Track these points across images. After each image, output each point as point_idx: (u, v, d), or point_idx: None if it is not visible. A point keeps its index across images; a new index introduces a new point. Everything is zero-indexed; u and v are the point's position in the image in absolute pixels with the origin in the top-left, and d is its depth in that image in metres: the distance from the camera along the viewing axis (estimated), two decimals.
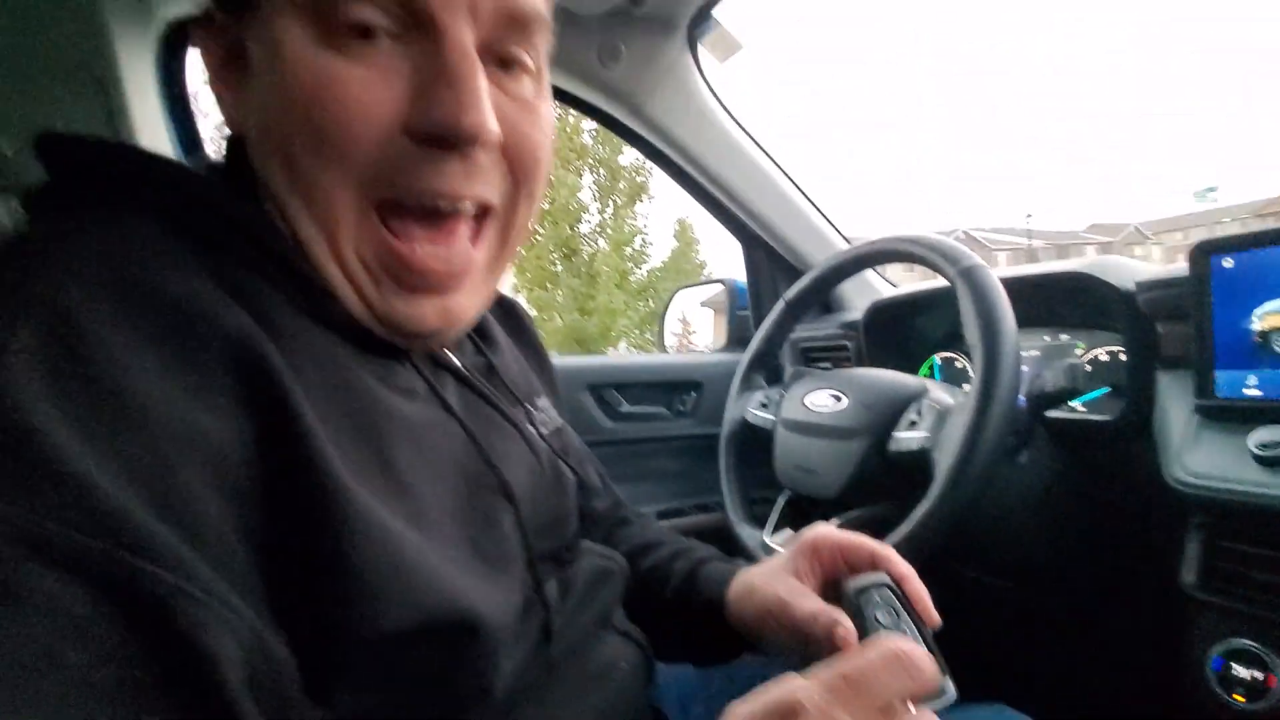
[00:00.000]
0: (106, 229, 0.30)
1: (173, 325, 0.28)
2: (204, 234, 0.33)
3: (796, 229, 1.24)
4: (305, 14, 0.33)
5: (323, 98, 0.33)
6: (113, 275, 0.28)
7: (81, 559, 0.22)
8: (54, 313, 0.25)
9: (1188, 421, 0.66)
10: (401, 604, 0.31)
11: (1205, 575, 0.61)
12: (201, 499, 0.26)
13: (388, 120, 0.34)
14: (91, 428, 0.24)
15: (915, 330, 1.11)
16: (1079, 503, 0.82)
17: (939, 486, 0.64)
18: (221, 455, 0.27)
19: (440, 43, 0.34)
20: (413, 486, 0.35)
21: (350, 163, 0.34)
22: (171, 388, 0.27)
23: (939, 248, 0.76)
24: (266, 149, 0.36)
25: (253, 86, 0.36)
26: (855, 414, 0.78)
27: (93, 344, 0.25)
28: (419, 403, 0.40)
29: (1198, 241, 0.64)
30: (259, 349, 0.30)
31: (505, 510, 0.42)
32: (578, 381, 1.22)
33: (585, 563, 0.52)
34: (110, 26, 0.83)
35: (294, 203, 0.35)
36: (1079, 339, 0.89)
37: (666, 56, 1.05)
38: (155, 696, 0.23)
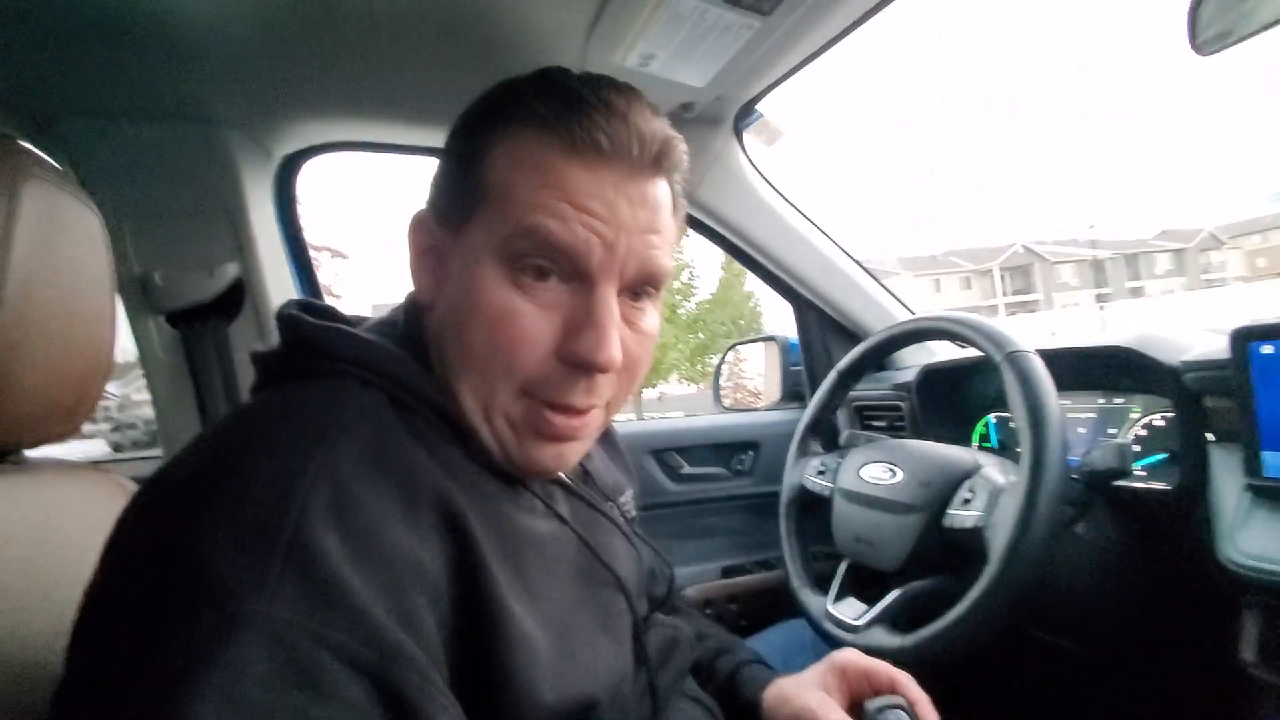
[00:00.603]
0: (356, 404, 0.41)
1: (403, 485, 0.38)
2: (404, 401, 0.44)
3: (847, 295, 1.29)
4: (499, 254, 0.44)
5: (503, 326, 0.44)
6: (367, 448, 0.38)
7: (358, 661, 0.31)
8: (335, 484, 0.35)
9: (1240, 497, 0.68)
10: (540, 696, 0.40)
11: (1264, 654, 0.62)
12: (424, 617, 0.35)
13: (546, 348, 0.45)
14: (364, 567, 0.33)
15: (968, 392, 1.14)
16: (1139, 571, 0.83)
17: (994, 567, 0.68)
18: (433, 581, 0.37)
19: (591, 294, 0.45)
20: (543, 593, 0.44)
21: (513, 374, 0.45)
22: (402, 532, 0.36)
23: (986, 331, 0.80)
24: (449, 336, 0.47)
25: (449, 285, 0.47)
26: (910, 489, 0.82)
27: (359, 503, 0.35)
28: (539, 518, 0.49)
29: (1235, 328, 0.66)
30: (452, 500, 0.40)
31: (618, 597, 0.53)
32: (641, 447, 1.29)
33: (655, 633, 0.62)
34: (238, 167, 0.98)
35: (462, 382, 0.46)
36: (1134, 403, 0.90)
37: (714, 148, 1.14)
38: None
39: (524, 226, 0.43)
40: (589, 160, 0.43)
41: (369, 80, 0.93)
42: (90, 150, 0.92)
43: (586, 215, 0.43)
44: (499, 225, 0.44)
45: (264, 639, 0.30)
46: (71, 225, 0.55)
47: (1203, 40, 0.71)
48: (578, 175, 0.43)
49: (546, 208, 0.43)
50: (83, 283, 0.57)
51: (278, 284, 1.03)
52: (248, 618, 0.30)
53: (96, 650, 0.32)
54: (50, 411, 0.55)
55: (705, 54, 0.87)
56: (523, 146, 0.44)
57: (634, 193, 0.45)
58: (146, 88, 0.88)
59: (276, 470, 0.35)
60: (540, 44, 0.86)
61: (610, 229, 0.44)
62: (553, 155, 0.44)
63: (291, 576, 0.31)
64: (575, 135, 0.43)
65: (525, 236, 0.43)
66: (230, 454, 0.37)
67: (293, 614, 0.30)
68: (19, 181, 0.49)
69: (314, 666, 0.30)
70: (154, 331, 0.99)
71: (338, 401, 0.41)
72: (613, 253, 0.44)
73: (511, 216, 0.43)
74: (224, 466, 0.36)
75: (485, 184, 0.45)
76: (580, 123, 0.43)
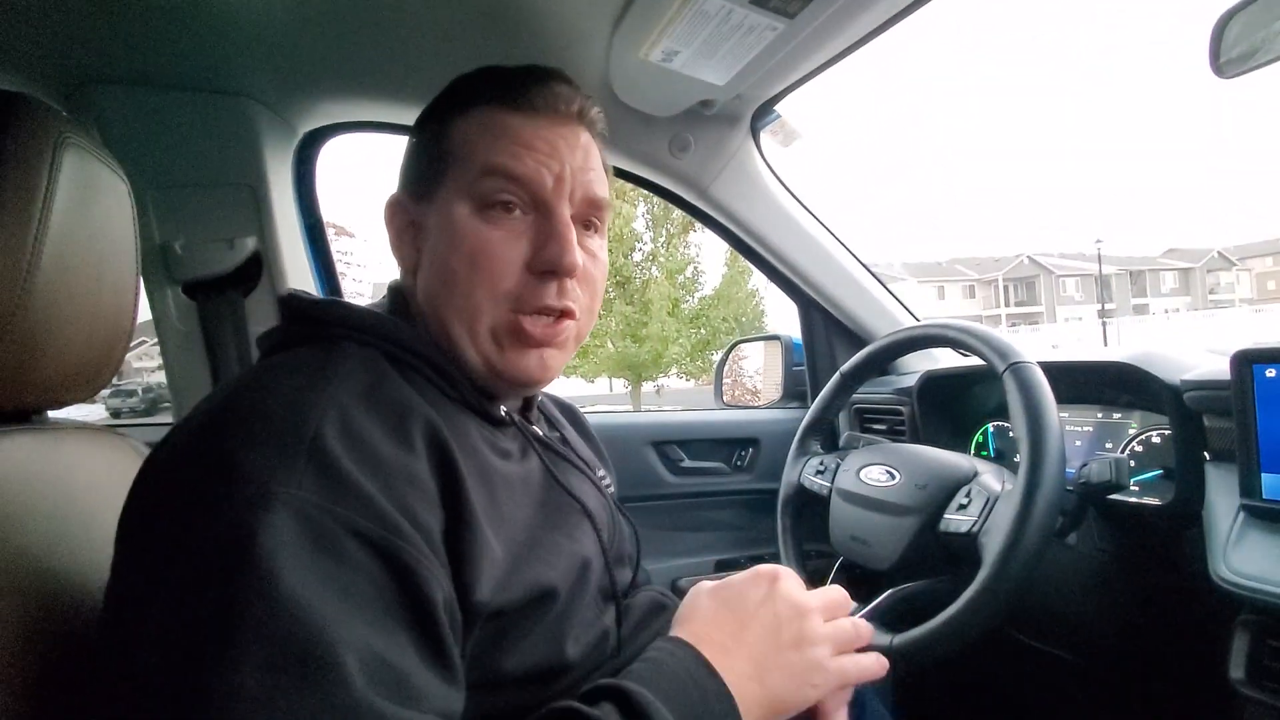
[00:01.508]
0: (353, 357, 0.49)
1: (397, 416, 0.46)
2: (395, 356, 0.52)
3: (854, 299, 1.30)
4: (469, 197, 0.54)
5: (483, 251, 0.53)
6: (364, 388, 0.46)
7: (371, 538, 0.39)
8: (340, 410, 0.43)
9: (1235, 517, 0.69)
10: (501, 589, 0.47)
11: (1253, 672, 0.64)
12: (420, 511, 0.42)
13: (518, 265, 0.54)
14: (367, 471, 0.41)
15: (968, 399, 1.15)
16: (1129, 583, 0.85)
17: (986, 571, 0.69)
18: (426, 488, 0.44)
19: (550, 216, 0.55)
20: (509, 519, 0.51)
21: (495, 290, 0.54)
22: (399, 451, 0.44)
23: (989, 340, 0.81)
24: (436, 280, 0.55)
25: (429, 244, 0.56)
26: (908, 492, 0.83)
27: (362, 428, 0.43)
28: (513, 462, 0.56)
29: (1238, 350, 0.68)
30: (439, 431, 0.47)
31: (583, 522, 0.59)
32: (642, 438, 1.30)
33: (643, 595, 0.67)
34: (261, 140, 0.99)
35: (449, 309, 0.54)
36: (1132, 419, 0.91)
37: (731, 146, 1.15)
38: (404, 616, 0.39)
39: (487, 166, 0.53)
40: (527, 114, 0.55)
41: (395, 62, 0.94)
42: (117, 117, 0.93)
43: (534, 152, 0.54)
44: (466, 175, 0.54)
45: (293, 513, 0.37)
46: (103, 193, 0.57)
47: (1226, 61, 0.71)
48: (521, 124, 0.54)
49: (502, 150, 0.53)
50: (110, 250, 0.58)
51: (294, 260, 1.05)
52: (280, 496, 0.37)
53: (148, 542, 0.39)
54: (76, 375, 0.57)
55: (728, 53, 0.88)
56: (476, 117, 0.55)
57: (568, 136, 0.56)
58: (175, 57, 0.89)
59: (293, 399, 0.42)
60: (567, 35, 0.87)
61: (555, 163, 0.54)
62: (500, 115, 0.55)
63: (313, 471, 0.38)
64: (514, 98, 0.55)
65: (489, 175, 0.53)
66: (250, 390, 0.44)
67: (315, 497, 0.38)
68: (60, 150, 0.51)
69: (334, 537, 0.37)
70: (171, 301, 1.00)
71: (338, 355, 0.48)
72: (561, 182, 0.54)
73: (475, 163, 0.54)
74: (247, 398, 0.43)
75: (449, 151, 0.55)
76: (517, 89, 0.55)
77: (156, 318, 1.02)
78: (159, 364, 1.09)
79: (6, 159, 0.48)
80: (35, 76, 0.91)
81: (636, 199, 14.72)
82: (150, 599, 0.36)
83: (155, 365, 16.64)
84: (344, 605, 0.36)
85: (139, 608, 0.37)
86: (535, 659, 0.50)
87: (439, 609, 0.40)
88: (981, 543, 0.72)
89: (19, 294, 0.48)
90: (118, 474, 0.61)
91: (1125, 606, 0.85)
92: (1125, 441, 0.91)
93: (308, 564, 0.36)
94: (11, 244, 0.48)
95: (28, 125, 0.49)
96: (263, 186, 1.00)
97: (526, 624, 0.50)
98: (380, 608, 0.38)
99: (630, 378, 15.32)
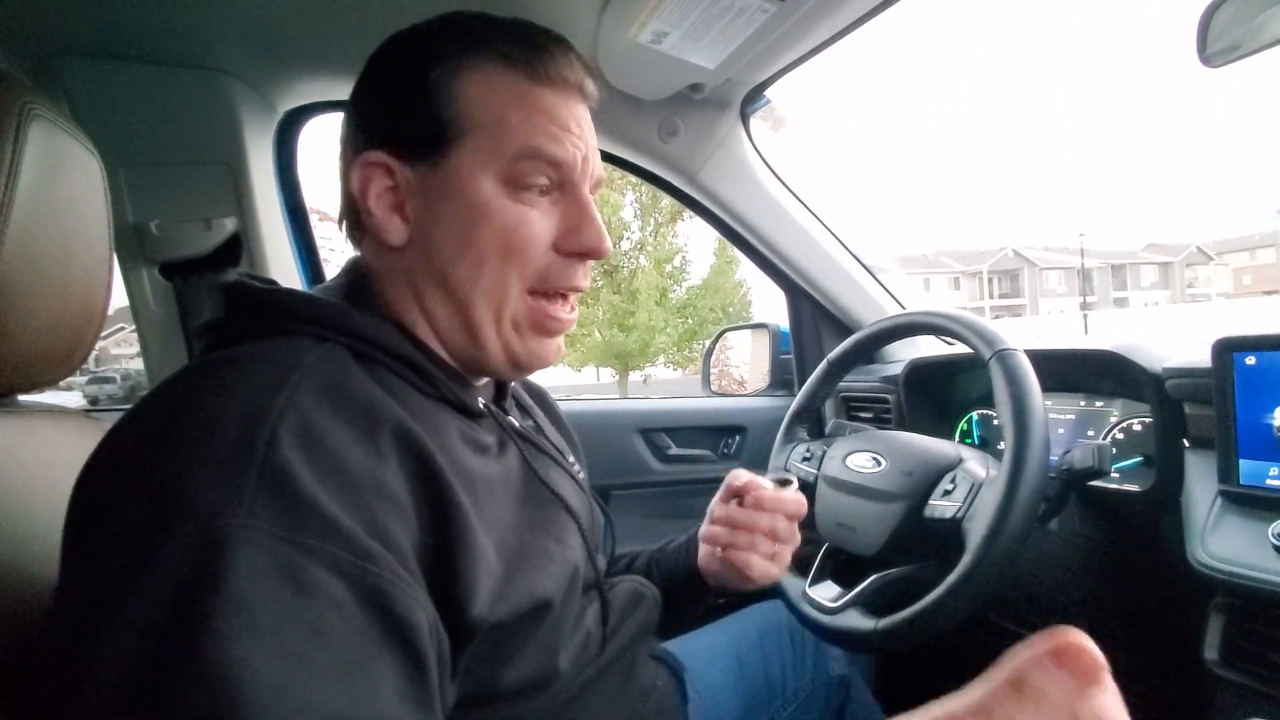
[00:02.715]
0: (311, 353, 0.43)
1: (362, 417, 0.41)
2: (360, 351, 0.47)
3: (842, 287, 1.31)
4: (500, 174, 0.50)
5: (518, 232, 0.50)
6: (325, 388, 0.41)
7: (340, 565, 0.34)
8: (300, 415, 0.38)
9: (1212, 502, 0.70)
10: (498, 600, 0.44)
11: (1226, 653, 0.65)
12: (394, 528, 0.38)
13: (547, 245, 0.52)
14: (332, 486, 0.36)
15: (954, 388, 1.16)
16: (1110, 569, 0.86)
17: (970, 555, 0.70)
18: (398, 500, 0.40)
19: (577, 197, 0.53)
20: (495, 522, 0.48)
21: (527, 270, 0.52)
22: (366, 456, 0.39)
23: (976, 328, 0.81)
24: (452, 258, 0.50)
25: (431, 216, 0.50)
26: (894, 479, 0.84)
27: (325, 435, 0.38)
28: (492, 458, 0.53)
29: (1219, 338, 0.68)
30: (411, 430, 0.43)
31: (568, 522, 0.56)
32: (629, 426, 1.30)
33: (623, 586, 0.66)
34: (240, 118, 0.97)
35: (474, 292, 0.51)
36: (1114, 407, 0.93)
37: (720, 132, 1.14)
38: (381, 647, 0.35)
39: (528, 148, 0.50)
40: (556, 88, 0.52)
41: (378, 39, 0.91)
42: (89, 92, 0.90)
43: (569, 134, 0.51)
44: (497, 150, 0.50)
45: (248, 548, 0.32)
46: (72, 168, 0.55)
47: (1212, 52, 0.72)
48: (552, 102, 0.51)
49: (541, 130, 0.50)
50: (81, 227, 0.56)
51: (275, 242, 1.03)
52: (230, 530, 0.32)
53: (85, 577, 0.34)
54: (46, 357, 0.55)
55: (718, 36, 0.87)
56: (495, 79, 0.50)
57: (584, 115, 0.54)
58: (149, 30, 0.86)
59: (244, 404, 0.38)
60: (554, 14, 0.85)
61: (582, 144, 0.53)
62: (527, 85, 0.50)
63: (265, 494, 0.34)
64: (544, 70, 0.51)
65: (530, 158, 0.50)
66: (199, 393, 0.39)
67: (270, 525, 0.33)
68: (25, 121, 0.49)
69: (297, 569, 0.33)
70: (146, 282, 0.98)
71: (297, 351, 0.43)
72: (586, 163, 0.53)
73: (512, 142, 0.50)
74: (194, 404, 0.38)
75: (465, 114, 0.49)
76: (544, 59, 0.51)
77: (132, 300, 0.99)
78: (138, 351, 1.07)
79: None
80: (2, 48, 0.88)
81: (624, 187, 14.65)
82: (88, 634, 0.32)
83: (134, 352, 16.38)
84: (312, 653, 0.32)
85: (75, 641, 0.32)
86: (530, 670, 0.48)
87: (422, 635, 0.37)
88: (966, 528, 0.73)
89: None
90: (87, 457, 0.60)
91: (1105, 591, 0.87)
92: (1107, 429, 0.92)
93: (267, 610, 0.31)
94: None
95: None
96: (242, 166, 0.97)
97: (522, 636, 0.48)
98: (356, 646, 0.34)
99: (617, 367, 15.31)
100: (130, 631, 0.30)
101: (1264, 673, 0.62)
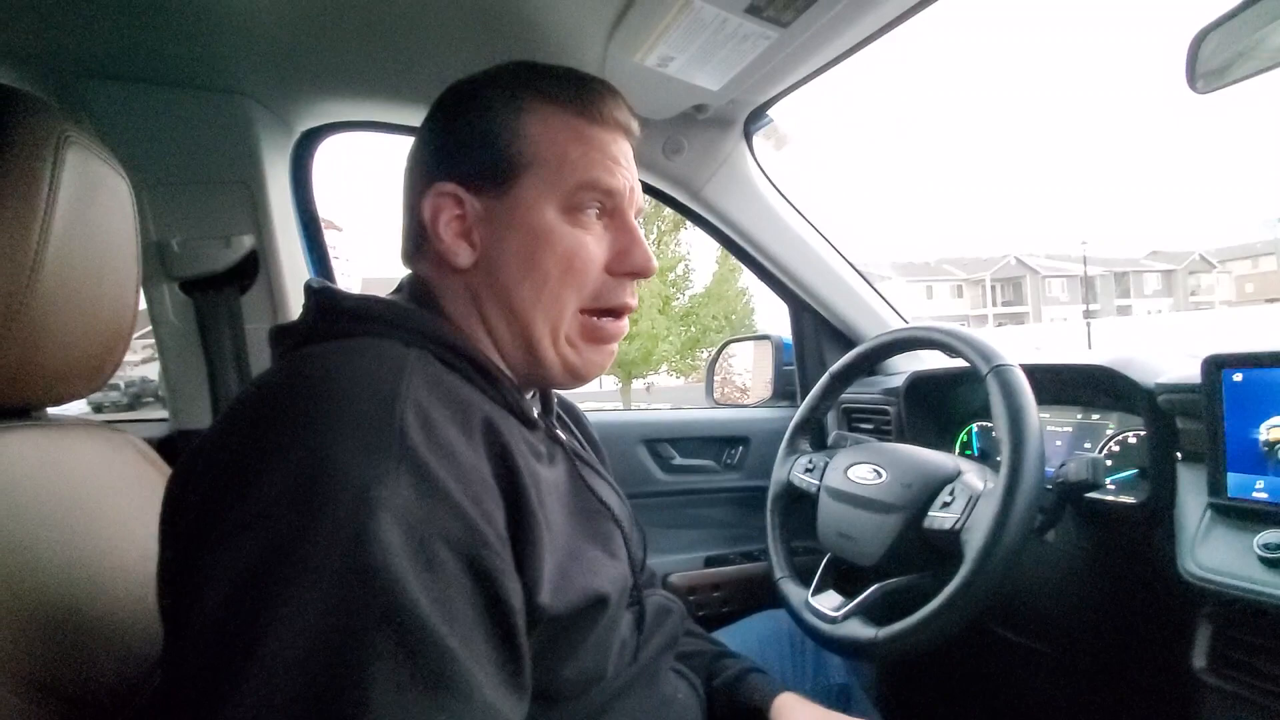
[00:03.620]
0: (409, 352, 0.47)
1: (460, 413, 0.45)
2: (440, 356, 0.50)
3: (843, 300, 1.33)
4: (560, 203, 0.55)
5: (578, 254, 0.55)
6: (430, 382, 0.45)
7: (463, 549, 0.38)
8: (418, 407, 0.41)
9: (1202, 515, 0.72)
10: (558, 594, 0.47)
11: (1214, 661, 0.67)
12: (496, 516, 0.42)
13: (601, 266, 0.57)
14: (452, 474, 0.40)
15: (954, 400, 1.18)
16: (1103, 578, 0.88)
17: (968, 566, 0.72)
18: (495, 492, 0.44)
19: (624, 223, 0.59)
20: (553, 524, 0.51)
21: (583, 290, 0.56)
22: (466, 447, 0.43)
23: (973, 343, 0.84)
24: (516, 279, 0.55)
25: (497, 242, 0.55)
26: (894, 490, 0.86)
27: (438, 423, 0.42)
28: (545, 464, 0.56)
29: (1208, 355, 0.71)
30: (496, 427, 0.47)
31: (615, 533, 0.60)
32: (634, 436, 1.32)
33: (652, 599, 0.68)
34: (258, 139, 1.00)
35: (535, 310, 0.55)
36: (1110, 420, 0.94)
37: (724, 150, 1.17)
38: (488, 622, 0.39)
39: (587, 180, 0.55)
40: (608, 128, 0.57)
41: (392, 63, 0.94)
42: (113, 115, 0.93)
43: (619, 166, 0.57)
44: (558, 181, 0.55)
45: (393, 518, 0.36)
46: (104, 190, 0.57)
47: (1201, 76, 0.74)
48: (605, 139, 0.57)
49: (597, 164, 0.56)
50: (112, 248, 0.59)
51: (291, 258, 1.05)
52: (382, 501, 0.36)
53: (229, 543, 0.36)
54: (77, 372, 0.57)
55: (722, 60, 0.90)
56: (552, 120, 0.56)
57: (628, 151, 0.60)
58: (173, 54, 0.89)
59: (374, 391, 0.41)
60: (563, 39, 0.88)
61: (630, 176, 0.58)
62: (583, 125, 0.56)
63: (406, 473, 0.38)
64: (595, 110, 0.56)
65: (588, 189, 0.55)
66: (325, 377, 0.42)
67: (411, 502, 0.37)
68: (62, 148, 0.51)
69: (429, 544, 0.37)
70: (167, 298, 1.01)
71: (395, 349, 0.46)
72: (633, 193, 0.59)
73: (572, 174, 0.55)
74: (323, 385, 0.41)
75: (528, 151, 0.55)
76: (595, 101, 0.57)
77: (152, 315, 1.02)
78: (142, 358, 1.09)
79: (8, 157, 0.48)
80: (27, 70, 0.91)
81: None
82: (252, 608, 0.34)
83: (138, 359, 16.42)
84: (446, 619, 0.36)
85: (238, 617, 0.34)
86: (585, 667, 0.52)
87: (518, 618, 0.41)
88: (964, 539, 0.75)
89: (23, 292, 0.49)
90: (117, 469, 0.62)
91: (1099, 601, 0.88)
92: (1103, 442, 0.94)
93: (416, 575, 0.35)
94: (15, 242, 0.48)
95: (29, 123, 0.50)
96: (260, 185, 1.00)
97: (579, 632, 0.51)
98: (470, 621, 0.37)
99: (620, 375, 15.33)
100: (312, 587, 0.33)
101: (1251, 681, 0.64)
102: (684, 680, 0.69)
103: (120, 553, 0.56)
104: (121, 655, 0.52)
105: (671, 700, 0.65)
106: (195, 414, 1.04)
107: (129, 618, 0.54)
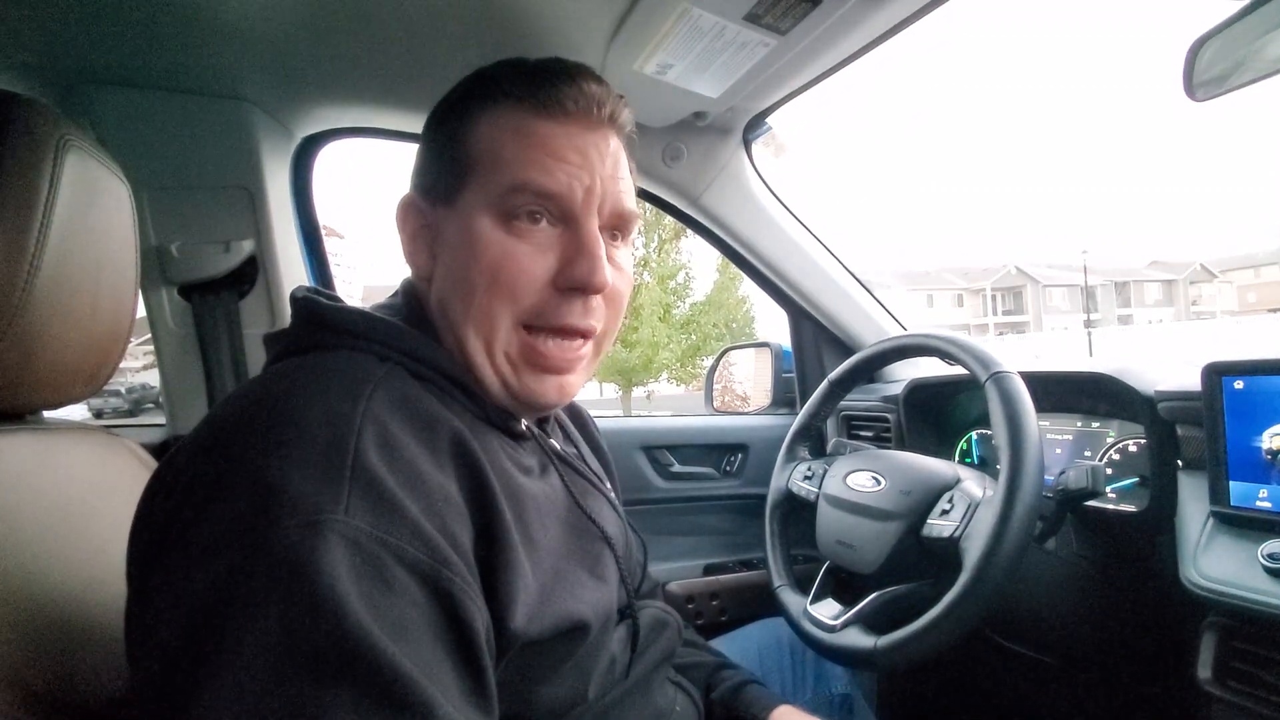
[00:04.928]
0: (378, 369, 0.46)
1: (426, 430, 0.44)
2: (418, 373, 0.49)
3: (842, 308, 1.33)
4: (494, 209, 0.51)
5: (505, 264, 0.51)
6: (396, 400, 0.44)
7: (421, 569, 0.37)
8: (377, 425, 0.40)
9: (1204, 523, 0.72)
10: (534, 619, 0.45)
11: (1218, 671, 0.66)
12: (460, 535, 0.41)
13: (543, 279, 0.52)
14: (410, 493, 0.39)
15: (954, 407, 1.17)
16: (1104, 587, 0.87)
17: (967, 575, 0.71)
18: (461, 510, 0.42)
19: (578, 230, 0.52)
20: (537, 541, 0.49)
21: (514, 304, 0.51)
22: (432, 468, 0.42)
23: (973, 351, 0.83)
24: (451, 291, 0.52)
25: (446, 251, 0.53)
26: (893, 498, 0.85)
27: (399, 442, 0.41)
28: (535, 478, 0.55)
29: (1208, 363, 0.70)
30: (467, 444, 0.45)
31: (606, 553, 0.58)
32: (633, 443, 1.32)
33: (647, 612, 0.66)
34: (259, 144, 1.00)
35: (466, 325, 0.52)
36: (1110, 428, 0.94)
37: (723, 157, 1.17)
38: (452, 649, 0.37)
39: (517, 182, 0.50)
40: (558, 119, 0.51)
41: (393, 70, 0.95)
42: (115, 120, 0.94)
43: (565, 164, 0.51)
44: (492, 185, 0.51)
45: (344, 542, 0.35)
46: (104, 195, 0.57)
47: (1199, 84, 0.74)
48: (551, 131, 0.51)
49: (531, 162, 0.50)
50: (110, 251, 0.59)
51: (290, 263, 1.05)
52: (330, 524, 0.35)
53: (180, 572, 0.35)
54: (74, 376, 0.57)
55: (721, 67, 0.90)
56: (500, 118, 0.52)
57: (599, 143, 0.53)
58: (175, 60, 0.90)
59: (331, 412, 0.40)
60: (563, 46, 0.88)
61: (587, 174, 0.51)
62: (527, 118, 0.51)
63: (359, 495, 0.37)
64: (543, 99, 0.51)
65: (519, 191, 0.50)
66: (284, 399, 0.41)
67: (364, 524, 0.36)
68: (62, 152, 0.51)
69: (383, 566, 0.36)
70: (166, 302, 1.01)
71: (365, 366, 0.46)
72: (591, 194, 0.52)
73: (503, 177, 0.50)
74: (281, 409, 0.40)
75: (471, 156, 0.52)
76: (546, 89, 0.51)
77: (151, 319, 1.02)
78: (143, 364, 1.10)
79: (8, 161, 0.48)
80: (29, 76, 0.91)
81: None
82: (200, 648, 0.33)
83: (139, 365, 16.44)
84: (400, 640, 0.34)
85: (188, 654, 0.33)
86: (563, 691, 0.50)
87: (481, 639, 0.39)
88: (963, 547, 0.74)
89: (20, 295, 0.49)
90: (113, 473, 0.62)
91: (1100, 610, 0.88)
92: (1103, 450, 0.93)
93: (365, 596, 0.34)
94: (14, 245, 0.48)
95: (29, 127, 0.50)
96: (260, 190, 1.01)
97: (557, 656, 0.49)
98: (428, 642, 0.36)
99: (621, 383, 15.31)
100: (258, 612, 0.33)
101: (1256, 691, 0.63)
102: (682, 692, 0.69)
103: (114, 557, 0.56)
104: (114, 660, 0.51)
105: (668, 713, 0.65)
106: (193, 419, 1.03)
107: (122, 622, 0.53)
